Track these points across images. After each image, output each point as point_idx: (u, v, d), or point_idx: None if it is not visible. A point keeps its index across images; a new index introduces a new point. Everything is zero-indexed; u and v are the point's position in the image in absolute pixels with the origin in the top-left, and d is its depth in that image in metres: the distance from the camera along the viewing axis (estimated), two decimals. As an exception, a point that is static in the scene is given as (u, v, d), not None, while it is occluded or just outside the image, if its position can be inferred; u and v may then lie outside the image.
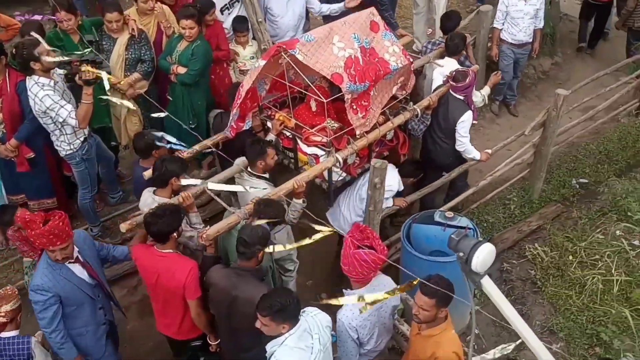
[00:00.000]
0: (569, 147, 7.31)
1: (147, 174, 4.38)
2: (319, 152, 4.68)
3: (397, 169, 5.18)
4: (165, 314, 4.19)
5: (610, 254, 5.81)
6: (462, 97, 5.47)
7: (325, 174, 4.75)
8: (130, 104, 4.58)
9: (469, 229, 4.97)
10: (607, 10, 8.75)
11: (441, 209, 5.51)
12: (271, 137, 4.81)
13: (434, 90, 5.57)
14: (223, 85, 5.94)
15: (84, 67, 4.46)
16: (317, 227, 2.90)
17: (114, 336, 4.46)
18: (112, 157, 5.85)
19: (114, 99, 4.57)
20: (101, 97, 4.70)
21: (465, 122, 5.43)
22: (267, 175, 4.58)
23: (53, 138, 5.05)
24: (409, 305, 4.41)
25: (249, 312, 3.51)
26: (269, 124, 4.92)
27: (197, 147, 4.82)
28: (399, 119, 5.05)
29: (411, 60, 5.00)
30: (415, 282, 2.80)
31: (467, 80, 5.38)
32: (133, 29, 5.37)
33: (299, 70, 4.48)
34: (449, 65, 5.79)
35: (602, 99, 7.13)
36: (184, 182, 4.16)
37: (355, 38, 4.53)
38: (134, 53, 5.45)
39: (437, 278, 3.44)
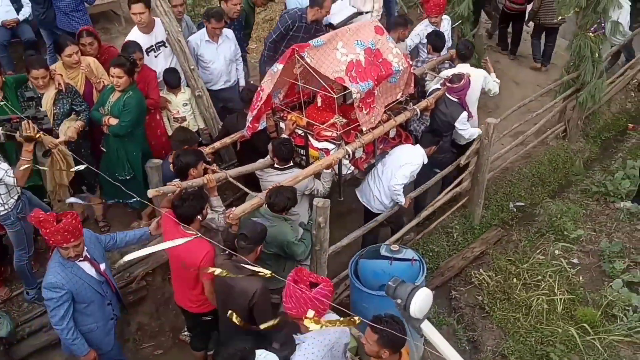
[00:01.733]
0: (504, 172, 7.54)
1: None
2: (330, 146, 5.13)
3: (417, 144, 5.65)
4: (181, 287, 4.55)
5: (552, 274, 5.98)
6: (456, 99, 5.92)
7: (336, 168, 5.20)
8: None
9: (415, 260, 5.03)
10: (522, 17, 9.31)
11: (387, 242, 5.55)
12: (284, 137, 5.21)
13: (429, 93, 6.09)
14: (155, 136, 5.84)
15: (25, 124, 4.34)
16: (257, 269, 2.85)
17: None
18: (48, 209, 5.61)
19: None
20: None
21: (462, 120, 5.97)
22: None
23: None
24: (362, 342, 4.36)
25: (242, 303, 3.89)
26: (282, 124, 5.34)
27: (218, 144, 5.30)
28: (401, 118, 5.51)
29: (411, 63, 5.56)
30: (357, 320, 2.77)
31: (462, 82, 5.85)
32: (60, 84, 5.24)
33: (312, 71, 4.87)
34: (462, 70, 6.18)
35: (530, 124, 7.42)
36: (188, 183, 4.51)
37: (358, 44, 4.98)
38: (62, 107, 5.29)
39: (388, 318, 3.35)
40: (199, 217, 4.23)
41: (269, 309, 4.11)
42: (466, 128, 6.05)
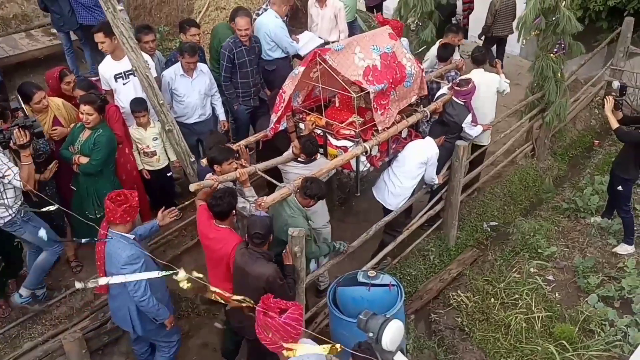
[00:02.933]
0: (476, 192, 7.63)
1: (204, 161, 5.13)
2: (348, 143, 5.50)
3: (428, 137, 6.04)
4: (214, 273, 4.87)
5: (528, 292, 6.03)
6: (462, 102, 6.26)
7: (353, 164, 5.58)
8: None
9: (393, 285, 5.02)
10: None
11: (364, 268, 5.55)
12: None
13: (437, 98, 6.43)
14: (125, 171, 5.79)
15: (17, 132, 4.66)
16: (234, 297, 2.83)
17: None
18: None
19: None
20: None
21: (468, 121, 6.31)
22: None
23: None
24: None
25: (256, 286, 4.31)
26: (301, 125, 5.72)
27: (242, 143, 5.54)
28: (413, 119, 5.93)
29: (422, 67, 6.05)
30: (338, 348, 2.75)
31: (469, 86, 6.19)
32: None
33: (333, 73, 5.37)
34: (476, 75, 6.60)
35: (499, 144, 7.56)
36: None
37: (374, 49, 5.43)
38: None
39: (369, 345, 3.36)
40: (234, 212, 4.72)
41: (283, 288, 4.41)
42: (472, 128, 6.43)
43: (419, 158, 5.86)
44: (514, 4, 9.16)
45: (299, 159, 5.44)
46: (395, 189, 5.98)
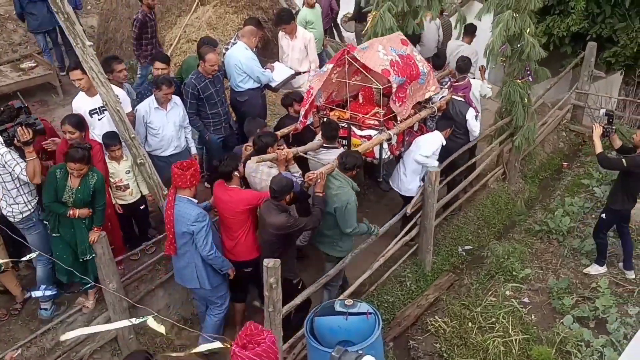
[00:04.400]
0: (450, 217, 7.69)
1: (249, 146, 5.84)
2: (372, 132, 6.15)
3: (435, 130, 6.77)
4: (227, 237, 5.46)
5: (505, 315, 6.06)
6: (462, 98, 6.99)
7: (376, 152, 6.22)
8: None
9: (370, 313, 5.00)
10: None
11: (340, 297, 5.53)
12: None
13: (440, 98, 6.99)
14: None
15: (20, 130, 4.94)
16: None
17: None
18: None
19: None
20: None
21: (471, 115, 7.00)
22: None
23: (5, 203, 5.24)
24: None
25: (269, 232, 5.08)
26: (325, 119, 6.29)
27: (279, 133, 6.07)
28: (424, 113, 6.69)
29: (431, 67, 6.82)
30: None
31: (465, 81, 7.07)
32: None
33: (360, 68, 6.27)
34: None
35: (471, 168, 7.66)
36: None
37: (392, 50, 6.16)
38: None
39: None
40: (236, 173, 5.29)
41: (293, 234, 5.24)
42: (475, 123, 7.09)
43: (430, 148, 6.49)
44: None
45: (324, 144, 6.00)
46: (407, 177, 6.65)
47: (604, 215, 6.56)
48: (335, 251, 5.74)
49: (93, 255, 5.23)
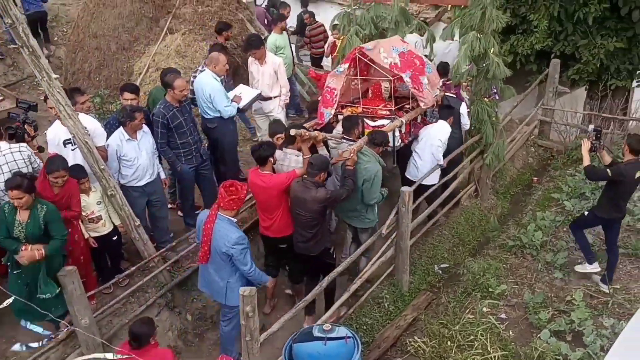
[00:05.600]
0: (425, 236, 7.73)
1: (280, 139, 6.38)
2: (385, 122, 6.81)
3: (440, 120, 7.28)
4: (264, 217, 6.02)
5: (483, 332, 6.07)
6: (453, 95, 7.71)
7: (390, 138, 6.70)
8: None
9: (349, 337, 4.97)
10: None
11: (318, 322, 5.49)
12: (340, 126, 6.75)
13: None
14: (72, 242, 5.60)
15: (27, 127, 5.86)
16: None
17: None
18: None
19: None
20: None
21: (463, 108, 7.73)
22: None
23: None
24: None
25: (313, 207, 5.66)
26: (339, 116, 6.95)
27: (307, 124, 6.64)
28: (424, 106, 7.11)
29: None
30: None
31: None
32: None
33: (371, 64, 6.99)
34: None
35: (440, 189, 7.72)
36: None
37: (394, 49, 6.75)
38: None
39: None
40: (271, 159, 5.79)
41: (335, 198, 5.78)
42: (466, 118, 7.84)
43: (444, 135, 7.20)
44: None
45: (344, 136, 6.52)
46: (424, 164, 7.30)
47: (586, 213, 6.73)
48: (364, 223, 6.44)
49: (55, 293, 5.11)
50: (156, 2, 10.29)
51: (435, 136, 7.19)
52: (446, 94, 7.57)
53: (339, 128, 6.78)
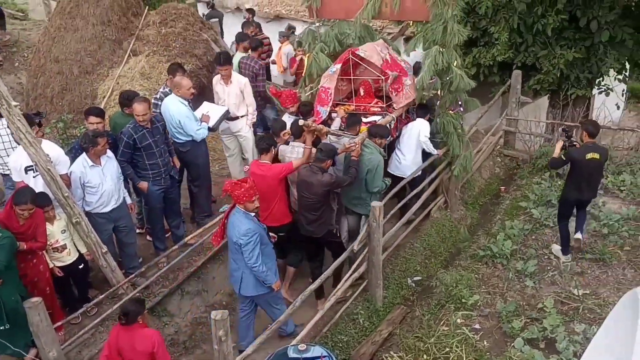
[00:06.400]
0: (397, 250, 7.74)
1: (287, 134, 6.87)
2: (377, 118, 7.39)
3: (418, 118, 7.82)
4: (263, 207, 6.12)
5: (458, 344, 6.08)
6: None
7: None
8: None
9: (324, 356, 4.93)
10: None
11: (293, 342, 5.43)
12: (338, 121, 7.36)
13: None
14: (37, 273, 5.49)
15: None
16: None
17: None
18: None
19: None
20: None
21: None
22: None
23: None
24: None
25: (316, 191, 6.17)
26: (333, 114, 7.47)
27: (309, 121, 6.74)
28: (406, 105, 7.75)
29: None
30: None
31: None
32: None
33: (364, 64, 7.60)
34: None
35: (413, 199, 7.77)
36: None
37: (381, 51, 7.50)
38: None
39: None
40: (272, 149, 6.28)
41: (339, 182, 6.31)
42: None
43: (427, 129, 7.64)
44: None
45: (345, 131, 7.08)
46: (402, 162, 7.78)
47: (558, 202, 7.58)
48: (367, 210, 6.60)
49: (6, 326, 4.96)
50: (119, 25, 10.21)
51: (418, 132, 7.63)
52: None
53: (335, 125, 7.29)
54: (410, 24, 9.88)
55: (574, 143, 7.03)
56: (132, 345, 4.73)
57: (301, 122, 6.49)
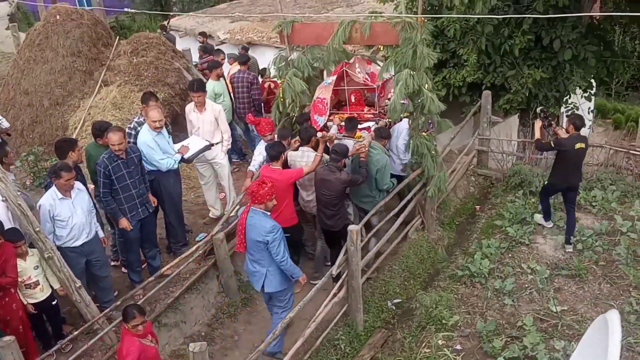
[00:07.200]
0: (376, 272, 7.73)
1: (297, 142, 7.36)
2: (371, 123, 8.11)
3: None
4: (278, 209, 6.39)
5: (440, 366, 6.06)
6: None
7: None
8: None
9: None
10: None
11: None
12: (334, 129, 7.92)
13: None
14: (10, 311, 5.34)
15: None
16: None
17: None
18: None
19: None
20: None
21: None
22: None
23: None
24: None
25: (335, 188, 6.77)
26: (329, 123, 8.12)
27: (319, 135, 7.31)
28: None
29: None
30: None
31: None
32: None
33: (354, 78, 8.29)
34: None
35: (390, 222, 7.79)
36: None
37: (366, 69, 8.33)
38: None
39: None
40: (282, 156, 6.73)
41: (355, 180, 6.84)
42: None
43: (401, 137, 8.20)
44: None
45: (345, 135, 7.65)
46: (396, 162, 8.25)
47: (546, 182, 8.19)
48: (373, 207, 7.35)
49: None
50: (89, 56, 10.17)
51: (402, 133, 8.19)
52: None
53: (332, 132, 7.84)
54: (381, 48, 10.04)
55: (552, 123, 7.92)
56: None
57: (319, 134, 7.20)
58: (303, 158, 7.15)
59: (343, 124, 7.85)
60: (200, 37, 14.22)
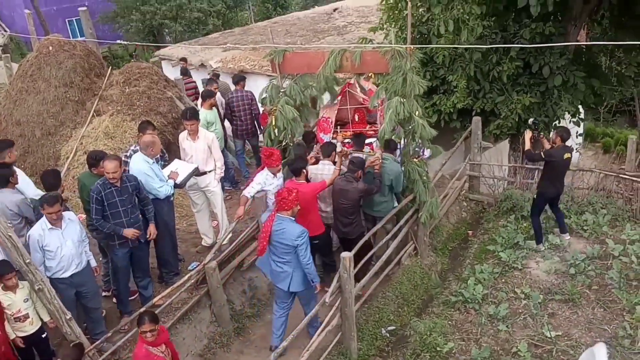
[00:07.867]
0: (370, 300, 7.69)
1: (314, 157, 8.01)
2: (372, 140, 8.50)
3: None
4: (300, 220, 6.57)
5: (434, 396, 6.00)
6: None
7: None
8: None
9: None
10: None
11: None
12: (339, 146, 8.14)
13: None
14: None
15: None
16: None
17: None
18: None
19: None
20: None
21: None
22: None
23: None
24: None
25: (352, 197, 7.31)
26: (332, 140, 8.48)
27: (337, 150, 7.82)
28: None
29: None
30: None
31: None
32: None
33: (356, 95, 8.97)
34: None
35: (383, 248, 7.78)
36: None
37: (365, 86, 9.06)
38: None
39: None
40: (304, 170, 7.24)
41: (371, 189, 7.36)
42: None
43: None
44: None
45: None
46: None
47: (535, 196, 8.53)
48: (389, 210, 7.88)
49: None
50: (82, 86, 10.21)
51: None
52: None
53: (337, 148, 8.13)
54: (371, 76, 10.16)
55: (541, 133, 8.51)
56: None
57: (338, 148, 7.88)
58: (324, 171, 7.64)
59: (347, 141, 8.39)
60: (183, 62, 14.78)
